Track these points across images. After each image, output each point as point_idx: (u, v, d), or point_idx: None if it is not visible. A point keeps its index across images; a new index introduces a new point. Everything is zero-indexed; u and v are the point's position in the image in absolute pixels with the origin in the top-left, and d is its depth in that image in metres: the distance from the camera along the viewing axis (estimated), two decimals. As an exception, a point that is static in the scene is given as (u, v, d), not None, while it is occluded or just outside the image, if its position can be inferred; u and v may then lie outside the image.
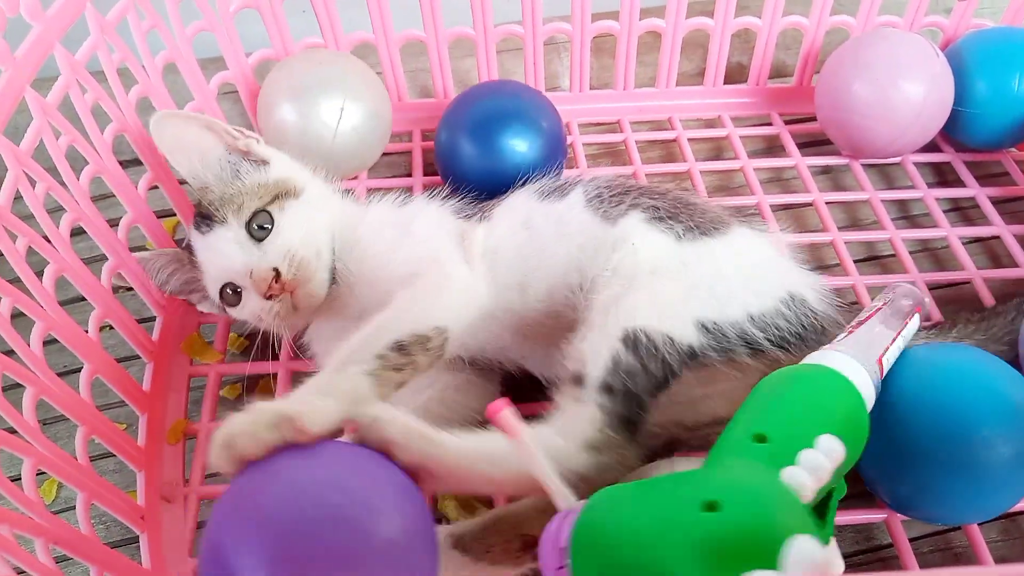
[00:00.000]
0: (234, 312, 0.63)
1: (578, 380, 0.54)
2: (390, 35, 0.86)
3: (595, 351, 0.54)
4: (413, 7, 0.84)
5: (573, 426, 0.52)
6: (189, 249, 0.65)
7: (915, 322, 0.60)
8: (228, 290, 0.62)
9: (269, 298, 0.60)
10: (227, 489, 0.44)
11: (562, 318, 0.60)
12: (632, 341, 0.53)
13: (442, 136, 0.79)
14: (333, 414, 0.47)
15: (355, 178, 0.85)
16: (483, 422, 0.48)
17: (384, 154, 0.87)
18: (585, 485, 0.50)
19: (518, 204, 0.65)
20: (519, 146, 0.75)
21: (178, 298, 0.71)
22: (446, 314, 0.57)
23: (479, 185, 0.70)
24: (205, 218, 0.63)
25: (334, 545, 0.41)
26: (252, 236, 0.61)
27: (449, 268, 0.60)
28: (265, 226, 0.61)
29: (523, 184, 0.68)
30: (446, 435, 0.50)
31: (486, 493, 0.56)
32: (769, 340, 0.56)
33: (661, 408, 0.55)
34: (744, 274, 0.58)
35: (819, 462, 0.41)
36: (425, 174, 0.86)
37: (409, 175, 0.86)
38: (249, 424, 0.45)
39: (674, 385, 0.54)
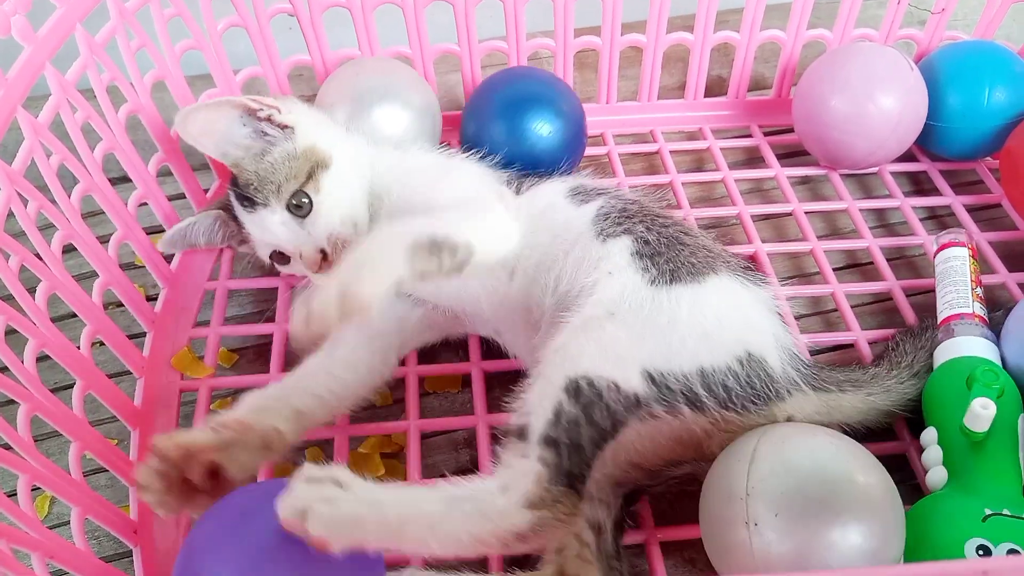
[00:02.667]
0: (284, 269, 0.70)
1: (522, 434, 0.54)
2: (376, 52, 0.87)
3: (538, 402, 0.54)
4: (398, 24, 0.85)
5: (515, 483, 0.52)
6: (226, 208, 0.71)
7: (957, 250, 0.70)
8: (277, 253, 0.68)
9: (319, 271, 0.66)
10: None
11: (530, 314, 0.63)
12: (575, 389, 0.53)
13: (468, 126, 0.83)
14: (382, 283, 0.53)
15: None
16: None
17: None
18: (519, 542, 0.51)
19: (547, 192, 0.67)
20: (543, 129, 0.79)
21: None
22: (480, 235, 0.59)
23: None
24: (246, 198, 0.67)
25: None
26: (294, 215, 0.65)
27: (494, 204, 0.63)
28: (304, 202, 0.65)
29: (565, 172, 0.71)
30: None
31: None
32: (714, 399, 0.55)
33: (616, 454, 0.55)
34: (702, 326, 0.56)
35: None
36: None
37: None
38: (320, 305, 0.52)
39: (621, 434, 0.54)
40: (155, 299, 0.76)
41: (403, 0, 0.83)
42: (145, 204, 0.75)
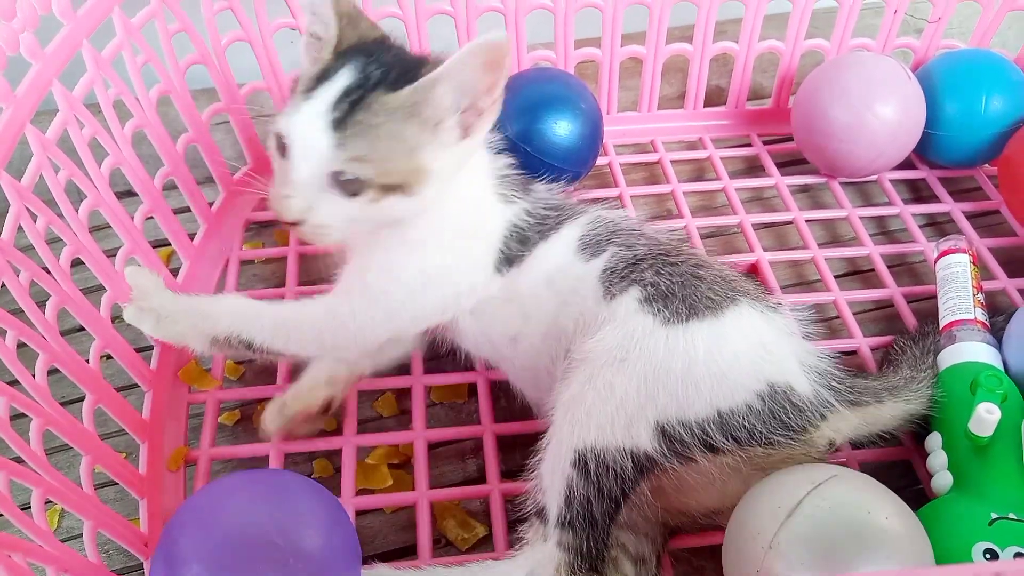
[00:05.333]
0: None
1: (540, 515, 0.55)
2: (378, 64, 0.87)
3: (551, 481, 0.55)
4: (399, 37, 0.86)
5: (536, 568, 0.53)
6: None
7: (957, 257, 0.71)
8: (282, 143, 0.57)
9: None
10: (185, 504, 0.52)
11: (539, 378, 0.62)
12: (583, 465, 0.53)
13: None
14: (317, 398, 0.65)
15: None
16: None
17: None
18: None
19: (558, 252, 0.62)
20: (561, 128, 0.81)
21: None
22: (302, 346, 0.66)
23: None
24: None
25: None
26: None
27: (372, 324, 0.63)
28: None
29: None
30: None
31: None
32: (734, 442, 0.53)
33: (658, 507, 0.56)
34: (719, 366, 0.54)
35: None
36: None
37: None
38: (268, 412, 0.65)
39: (634, 497, 0.54)
40: (161, 312, 0.76)
41: (405, 13, 0.84)
42: (151, 218, 0.75)
